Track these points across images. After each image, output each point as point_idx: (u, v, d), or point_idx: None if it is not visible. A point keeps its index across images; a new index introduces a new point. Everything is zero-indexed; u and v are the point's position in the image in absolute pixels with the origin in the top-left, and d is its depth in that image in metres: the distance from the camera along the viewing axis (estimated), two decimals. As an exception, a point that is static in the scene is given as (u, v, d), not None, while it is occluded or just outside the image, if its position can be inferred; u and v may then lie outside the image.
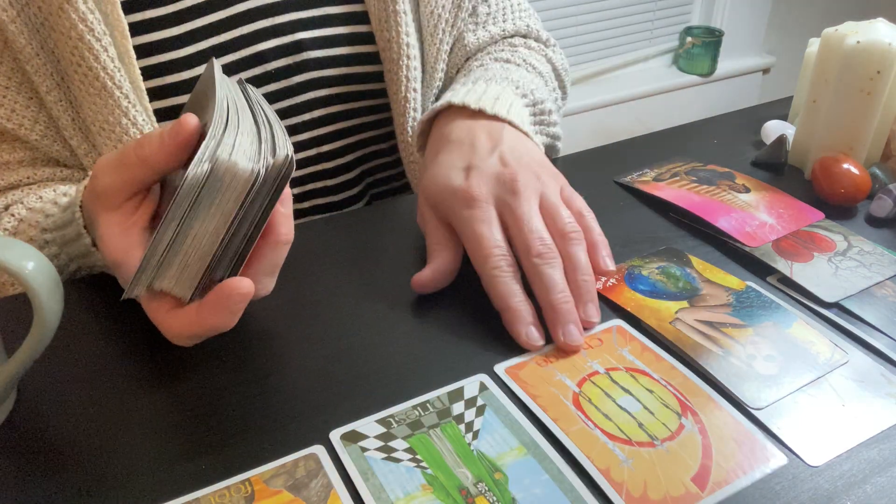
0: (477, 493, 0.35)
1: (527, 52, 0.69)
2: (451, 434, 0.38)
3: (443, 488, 0.35)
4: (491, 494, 0.35)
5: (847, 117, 0.58)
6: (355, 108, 0.66)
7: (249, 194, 0.36)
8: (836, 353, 0.43)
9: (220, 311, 0.37)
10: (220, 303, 0.37)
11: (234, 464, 0.37)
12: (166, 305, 0.39)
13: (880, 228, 0.55)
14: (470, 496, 0.34)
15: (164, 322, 0.39)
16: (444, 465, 0.36)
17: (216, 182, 0.36)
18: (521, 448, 0.37)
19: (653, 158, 0.64)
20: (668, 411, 0.39)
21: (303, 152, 0.65)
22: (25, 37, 0.52)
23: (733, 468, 0.36)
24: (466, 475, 0.36)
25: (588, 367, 0.42)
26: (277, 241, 0.40)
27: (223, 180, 0.36)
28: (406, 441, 0.37)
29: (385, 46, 0.63)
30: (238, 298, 0.37)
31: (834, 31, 0.57)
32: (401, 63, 0.63)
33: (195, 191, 0.36)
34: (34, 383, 0.42)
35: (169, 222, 0.36)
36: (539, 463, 0.36)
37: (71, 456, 0.38)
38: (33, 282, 0.36)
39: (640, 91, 2.33)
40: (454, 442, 0.37)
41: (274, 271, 0.41)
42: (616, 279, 0.49)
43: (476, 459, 0.36)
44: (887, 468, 0.37)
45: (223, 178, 0.36)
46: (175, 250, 0.37)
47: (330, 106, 0.64)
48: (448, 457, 0.36)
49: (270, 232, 0.39)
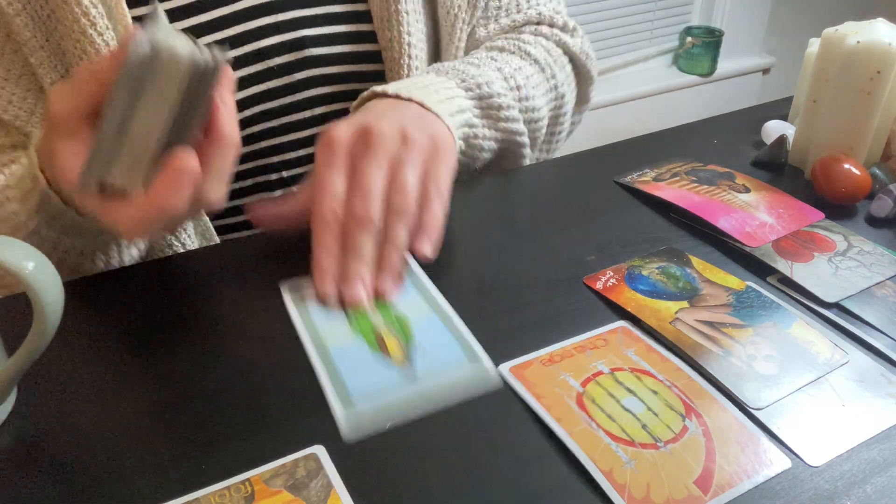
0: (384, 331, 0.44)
1: (531, 38, 0.68)
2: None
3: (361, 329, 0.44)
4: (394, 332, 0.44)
5: (847, 117, 0.58)
6: None
7: (192, 81, 0.38)
8: (836, 353, 0.43)
9: (169, 188, 0.39)
10: (167, 180, 0.39)
11: (234, 464, 0.37)
12: (117, 201, 0.41)
13: (880, 228, 0.55)
14: (377, 333, 0.44)
15: (116, 214, 0.41)
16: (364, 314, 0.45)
17: (158, 66, 0.37)
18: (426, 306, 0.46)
19: (653, 158, 0.64)
20: (672, 413, 0.39)
21: (303, 149, 0.65)
22: (31, 29, 0.53)
23: (737, 472, 0.36)
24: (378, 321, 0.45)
25: (593, 367, 0.42)
26: (222, 142, 0.41)
27: (164, 64, 0.37)
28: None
29: (387, 46, 0.63)
30: (186, 171, 0.39)
31: (834, 31, 0.57)
32: (402, 62, 0.63)
33: (137, 75, 0.37)
34: (34, 383, 0.42)
35: (113, 110, 0.38)
36: (440, 318, 0.45)
37: (71, 456, 0.38)
38: (33, 282, 0.35)
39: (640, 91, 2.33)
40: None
41: (223, 176, 0.42)
42: (616, 279, 0.49)
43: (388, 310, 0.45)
44: (887, 468, 0.37)
45: (165, 63, 0.37)
46: (122, 141, 0.39)
47: (331, 104, 0.64)
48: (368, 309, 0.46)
49: (216, 134, 0.41)
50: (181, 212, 0.40)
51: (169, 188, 0.39)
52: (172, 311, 0.48)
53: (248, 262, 0.52)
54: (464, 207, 0.58)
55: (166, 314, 0.47)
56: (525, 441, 0.38)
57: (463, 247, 0.54)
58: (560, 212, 0.58)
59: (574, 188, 0.61)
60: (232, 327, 0.46)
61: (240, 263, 0.52)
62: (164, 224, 0.42)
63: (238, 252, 0.54)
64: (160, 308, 0.48)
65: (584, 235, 0.54)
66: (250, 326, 0.46)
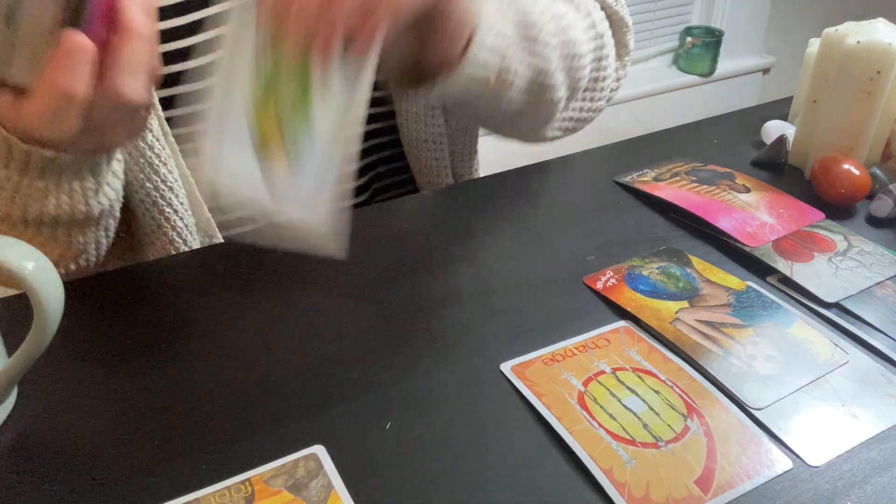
0: None
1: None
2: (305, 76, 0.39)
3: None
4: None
5: (847, 117, 0.58)
6: None
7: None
8: (836, 353, 0.43)
9: (60, 71, 0.37)
10: (57, 63, 0.37)
11: (234, 464, 0.37)
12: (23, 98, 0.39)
13: (880, 228, 0.55)
14: None
15: (24, 112, 0.40)
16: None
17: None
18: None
19: (653, 158, 0.64)
20: (673, 413, 0.39)
21: None
22: None
23: (737, 472, 0.36)
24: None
25: (594, 366, 0.42)
26: (129, 34, 0.39)
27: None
28: None
29: None
30: (73, 50, 0.37)
31: (834, 31, 0.57)
32: None
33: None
34: (34, 383, 0.42)
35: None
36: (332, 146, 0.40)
37: (71, 456, 0.38)
38: (33, 282, 0.35)
39: (640, 91, 2.33)
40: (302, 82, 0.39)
41: (136, 70, 0.40)
42: (616, 279, 0.49)
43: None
44: (887, 468, 0.37)
45: None
46: (15, 37, 0.38)
47: None
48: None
49: (122, 26, 0.39)
50: (81, 96, 0.38)
51: (60, 71, 0.38)
52: (172, 311, 0.48)
53: (248, 262, 0.52)
54: (465, 207, 0.58)
55: (166, 314, 0.47)
56: (526, 439, 0.38)
57: (463, 247, 0.54)
58: (560, 212, 0.58)
59: (574, 188, 0.61)
60: (232, 327, 0.46)
61: (240, 263, 0.52)
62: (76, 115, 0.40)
63: (238, 252, 0.54)
64: (160, 308, 0.48)
65: (584, 235, 0.54)
66: (250, 326, 0.46)
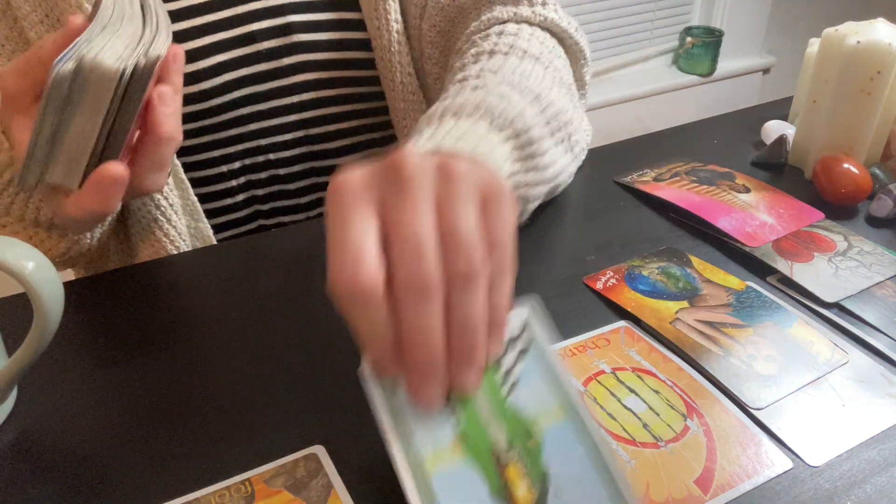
0: (508, 460, 0.31)
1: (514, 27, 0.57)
2: (488, 382, 0.32)
3: (475, 448, 0.31)
4: (522, 465, 0.31)
5: (847, 117, 0.58)
6: (347, 94, 0.66)
7: (118, 90, 0.40)
8: (836, 353, 0.43)
9: (95, 194, 0.42)
10: (93, 186, 0.41)
11: (234, 464, 0.37)
12: (62, 196, 0.43)
13: (880, 228, 0.55)
14: (501, 463, 0.31)
15: (58, 209, 0.44)
16: (477, 419, 0.32)
17: (82, 79, 0.40)
18: (559, 410, 0.32)
19: (653, 158, 0.64)
20: (673, 413, 0.39)
21: (290, 133, 0.66)
22: (31, 4, 0.54)
23: (737, 472, 0.36)
24: (499, 437, 0.31)
25: (594, 366, 0.42)
26: (160, 138, 0.43)
27: (88, 78, 0.39)
28: None
29: (376, 34, 0.63)
30: (110, 181, 0.41)
31: (834, 31, 0.57)
32: (392, 50, 0.63)
33: (64, 87, 0.39)
34: (34, 383, 0.42)
35: (43, 116, 0.40)
36: (575, 433, 0.32)
37: (71, 456, 0.38)
38: (33, 282, 0.35)
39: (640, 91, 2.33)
40: (491, 392, 0.32)
41: (161, 168, 0.45)
42: (616, 279, 0.49)
43: (511, 418, 0.32)
44: (887, 468, 0.37)
45: (88, 76, 0.39)
46: (59, 145, 0.41)
47: (319, 90, 0.65)
48: (482, 409, 0.32)
49: (153, 129, 0.43)
50: (111, 212, 0.43)
51: (95, 196, 0.42)
52: (172, 312, 0.48)
53: (248, 262, 0.52)
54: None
55: (166, 314, 0.47)
56: (525, 441, 0.38)
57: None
58: (560, 212, 0.58)
59: (574, 188, 0.61)
60: (231, 327, 0.46)
61: (239, 264, 0.52)
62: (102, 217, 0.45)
63: (237, 252, 0.54)
64: (160, 308, 0.48)
65: (584, 235, 0.54)
66: (250, 326, 0.46)
